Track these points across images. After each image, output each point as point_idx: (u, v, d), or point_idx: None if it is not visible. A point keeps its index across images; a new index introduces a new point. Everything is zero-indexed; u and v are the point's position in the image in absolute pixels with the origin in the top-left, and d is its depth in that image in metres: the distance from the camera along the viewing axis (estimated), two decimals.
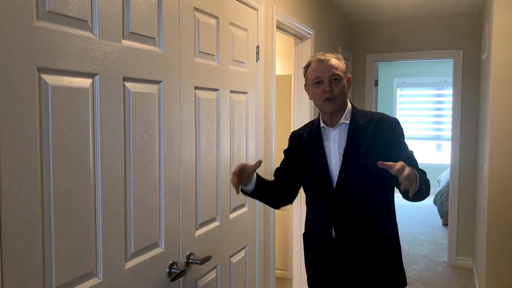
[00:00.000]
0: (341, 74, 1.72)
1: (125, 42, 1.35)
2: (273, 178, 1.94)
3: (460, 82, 4.46)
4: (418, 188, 1.51)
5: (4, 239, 0.99)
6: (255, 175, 1.75)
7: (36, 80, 1.06)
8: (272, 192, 1.86)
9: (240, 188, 1.73)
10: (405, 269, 1.92)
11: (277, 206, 1.94)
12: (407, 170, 1.41)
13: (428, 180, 1.64)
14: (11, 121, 1.00)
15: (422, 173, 1.60)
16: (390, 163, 1.44)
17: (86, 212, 1.21)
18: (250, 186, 1.74)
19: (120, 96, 1.32)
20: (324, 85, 1.71)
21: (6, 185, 0.99)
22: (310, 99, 1.80)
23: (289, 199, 1.92)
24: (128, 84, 1.36)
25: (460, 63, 4.46)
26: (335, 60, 1.74)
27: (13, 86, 1.00)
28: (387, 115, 1.82)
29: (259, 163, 1.63)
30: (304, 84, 1.82)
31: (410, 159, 1.68)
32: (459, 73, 4.47)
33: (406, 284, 1.85)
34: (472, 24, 4.40)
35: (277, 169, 1.97)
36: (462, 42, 4.46)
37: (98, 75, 1.24)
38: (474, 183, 4.42)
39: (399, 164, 1.42)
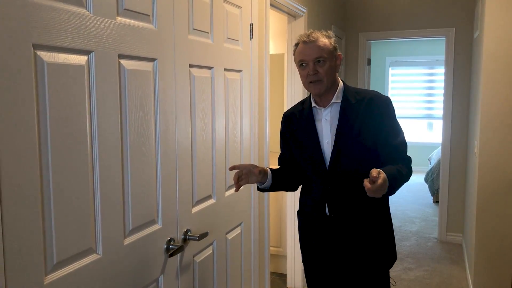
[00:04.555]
0: (326, 55, 1.70)
1: (120, 19, 1.34)
2: (275, 167, 1.97)
3: (453, 60, 4.48)
4: (386, 192, 1.55)
5: (5, 216, 1.00)
6: (269, 171, 1.79)
7: (32, 57, 1.05)
8: (287, 180, 1.90)
9: (257, 186, 1.84)
10: (396, 245, 1.96)
11: (294, 189, 1.97)
12: (376, 188, 1.48)
13: (403, 178, 1.67)
14: (7, 98, 0.99)
15: (399, 175, 1.62)
16: (366, 183, 1.49)
17: (84, 189, 1.22)
18: (267, 183, 1.79)
19: (116, 74, 1.32)
20: (308, 68, 1.71)
21: (4, 163, 0.99)
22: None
23: (303, 179, 1.94)
24: (123, 62, 1.36)
25: (453, 41, 4.47)
26: (322, 40, 1.71)
27: (9, 63, 0.99)
28: (379, 93, 1.81)
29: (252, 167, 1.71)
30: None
31: (395, 151, 1.72)
32: (451, 51, 4.48)
33: (395, 259, 1.90)
34: (464, 1, 4.40)
35: (280, 156, 1.99)
36: (454, 20, 4.46)
37: (93, 52, 1.23)
38: (465, 161, 4.48)
39: (374, 186, 1.48)
